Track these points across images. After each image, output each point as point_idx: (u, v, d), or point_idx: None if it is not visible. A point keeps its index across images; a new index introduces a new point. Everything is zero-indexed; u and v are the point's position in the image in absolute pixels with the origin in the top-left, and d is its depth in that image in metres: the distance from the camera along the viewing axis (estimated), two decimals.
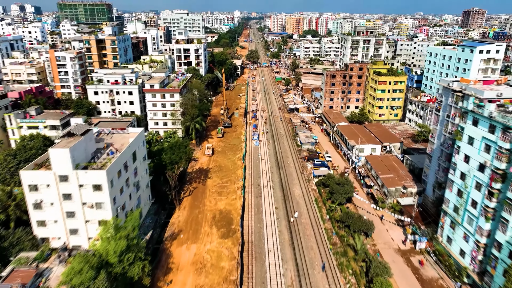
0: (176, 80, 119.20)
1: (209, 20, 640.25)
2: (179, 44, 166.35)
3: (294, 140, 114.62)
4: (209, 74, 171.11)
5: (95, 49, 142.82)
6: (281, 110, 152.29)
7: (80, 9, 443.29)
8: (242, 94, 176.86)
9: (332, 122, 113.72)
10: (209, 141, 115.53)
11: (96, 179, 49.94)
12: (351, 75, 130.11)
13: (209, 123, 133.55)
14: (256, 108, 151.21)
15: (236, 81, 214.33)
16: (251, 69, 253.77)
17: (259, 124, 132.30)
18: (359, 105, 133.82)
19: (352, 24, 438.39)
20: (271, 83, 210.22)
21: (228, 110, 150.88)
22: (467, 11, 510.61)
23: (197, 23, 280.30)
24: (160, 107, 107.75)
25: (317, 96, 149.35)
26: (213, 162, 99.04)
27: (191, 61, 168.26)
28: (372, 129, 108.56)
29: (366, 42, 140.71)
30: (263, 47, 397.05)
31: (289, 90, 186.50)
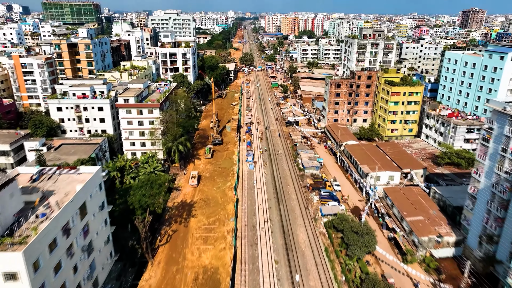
0: (157, 92, 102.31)
1: (202, 20, 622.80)
2: (165, 48, 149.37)
3: (295, 162, 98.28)
4: (198, 81, 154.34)
5: (66, 55, 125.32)
6: (279, 122, 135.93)
7: (66, 9, 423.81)
8: (235, 103, 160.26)
9: (340, 141, 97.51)
10: (196, 163, 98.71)
11: (7, 265, 33.17)
12: (359, 84, 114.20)
13: (197, 139, 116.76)
14: (250, 120, 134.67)
15: (229, 87, 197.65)
16: (245, 73, 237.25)
17: (254, 140, 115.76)
18: (368, 118, 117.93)
19: (349, 25, 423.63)
20: (267, 89, 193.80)
21: (219, 122, 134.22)
22: (467, 11, 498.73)
23: (188, 24, 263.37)
24: (136, 125, 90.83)
25: (319, 107, 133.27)
26: (199, 193, 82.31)
27: (178, 66, 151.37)
28: (386, 150, 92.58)
29: (374, 46, 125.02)
30: (258, 49, 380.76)
31: (287, 98, 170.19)
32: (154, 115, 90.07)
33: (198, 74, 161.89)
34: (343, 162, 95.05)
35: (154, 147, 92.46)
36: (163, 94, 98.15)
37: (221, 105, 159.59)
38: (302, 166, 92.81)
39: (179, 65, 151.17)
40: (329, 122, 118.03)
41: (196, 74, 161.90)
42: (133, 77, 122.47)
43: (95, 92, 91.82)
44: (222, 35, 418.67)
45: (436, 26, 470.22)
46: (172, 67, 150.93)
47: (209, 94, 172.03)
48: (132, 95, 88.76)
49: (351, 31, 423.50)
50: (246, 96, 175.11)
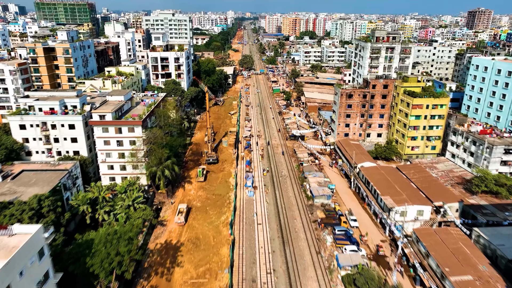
0: (142, 105, 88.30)
1: (200, 20, 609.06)
2: (155, 52, 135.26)
3: (302, 186, 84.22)
4: (193, 88, 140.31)
5: (43, 60, 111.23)
6: (281, 134, 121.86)
7: (60, 8, 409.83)
8: (234, 111, 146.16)
9: (354, 162, 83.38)
10: (186, 188, 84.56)
11: None
12: (373, 94, 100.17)
13: (189, 157, 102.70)
14: (250, 132, 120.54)
15: (227, 93, 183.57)
16: (245, 77, 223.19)
17: (254, 157, 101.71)
18: (383, 132, 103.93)
19: (353, 26, 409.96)
20: (268, 95, 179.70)
21: (215, 135, 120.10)
22: (473, 11, 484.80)
23: (184, 24, 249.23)
24: (115, 146, 76.85)
25: (327, 118, 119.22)
26: (187, 231, 68.22)
27: (171, 72, 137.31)
28: (410, 175, 78.49)
29: (389, 51, 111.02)
30: (258, 50, 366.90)
31: (290, 106, 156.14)
32: (135, 133, 76.07)
33: (192, 81, 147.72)
34: (358, 188, 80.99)
35: (136, 170, 78.53)
36: (147, 107, 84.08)
37: (217, 114, 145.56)
38: (310, 194, 78.74)
39: (172, 71, 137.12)
40: (339, 136, 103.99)
41: (191, 80, 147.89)
42: (117, 86, 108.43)
43: (66, 106, 77.75)
44: (221, 36, 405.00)
45: (441, 27, 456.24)
46: (164, 72, 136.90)
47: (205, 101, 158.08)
48: (109, 111, 74.69)
49: (355, 32, 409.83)
50: (245, 103, 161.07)
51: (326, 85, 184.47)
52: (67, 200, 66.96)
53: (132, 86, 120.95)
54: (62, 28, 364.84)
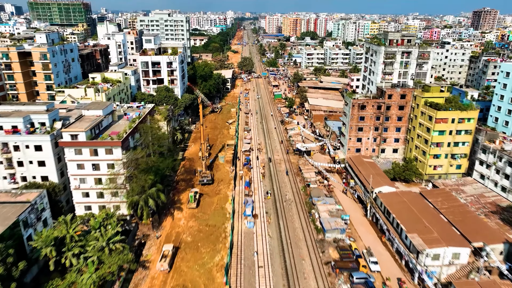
0: (125, 119, 76.58)
1: (199, 21, 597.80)
2: (146, 56, 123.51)
3: (310, 215, 72.56)
4: (187, 95, 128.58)
5: (17, 66, 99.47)
6: (284, 146, 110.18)
7: (54, 9, 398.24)
8: (232, 120, 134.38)
9: (371, 187, 71.61)
10: (175, 217, 72.80)
11: None
12: (389, 105, 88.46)
13: (180, 175, 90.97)
14: (249, 145, 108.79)
15: (225, 98, 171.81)
16: (244, 81, 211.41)
17: (254, 176, 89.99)
18: (399, 147, 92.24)
19: (355, 26, 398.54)
20: (269, 101, 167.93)
21: (211, 148, 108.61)
22: (478, 11, 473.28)
23: (181, 25, 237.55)
24: (90, 170, 65.18)
25: (334, 129, 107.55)
26: (173, 277, 56.46)
27: (163, 77, 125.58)
28: (438, 203, 66.82)
29: (405, 56, 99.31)
30: (258, 52, 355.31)
31: (293, 113, 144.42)
32: (114, 156, 64.34)
33: (187, 87, 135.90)
34: (376, 217, 69.31)
35: (116, 198, 66.84)
36: (131, 123, 72.36)
37: (214, 123, 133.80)
38: (321, 226, 67.03)
39: (164, 76, 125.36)
40: (350, 152, 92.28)
41: (185, 86, 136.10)
42: (101, 95, 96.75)
43: (32, 123, 66.06)
44: (220, 36, 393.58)
45: (446, 27, 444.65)
46: (156, 78, 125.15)
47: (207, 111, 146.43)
48: (83, 129, 62.98)
49: (357, 33, 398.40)
50: (244, 110, 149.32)
51: (331, 89, 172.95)
52: (29, 239, 55.45)
53: (119, 94, 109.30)
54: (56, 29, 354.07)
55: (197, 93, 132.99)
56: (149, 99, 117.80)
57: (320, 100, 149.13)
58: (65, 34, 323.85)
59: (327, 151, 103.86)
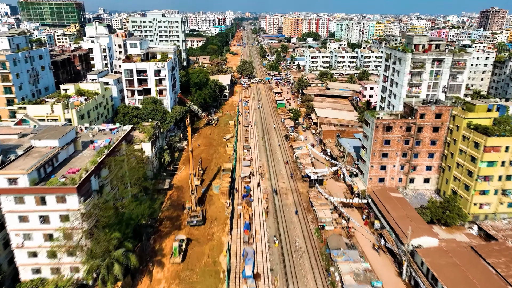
0: (91, 149, 60.10)
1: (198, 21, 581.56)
2: (130, 63, 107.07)
3: (328, 274, 56.15)
4: (178, 107, 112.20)
5: None
6: (290, 168, 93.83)
7: (45, 8, 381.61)
8: (229, 135, 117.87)
9: (408, 242, 55.07)
10: (154, 277, 56.28)
11: None
12: (421, 126, 72.05)
13: (165, 211, 74.51)
14: (249, 168, 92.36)
15: (223, 107, 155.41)
16: (244, 87, 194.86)
17: (256, 214, 73.56)
18: (432, 176, 75.82)
19: (360, 27, 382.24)
20: (271, 111, 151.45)
21: (205, 172, 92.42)
22: (486, 11, 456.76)
23: (175, 26, 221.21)
24: (37, 223, 48.84)
25: (349, 148, 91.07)
26: None
27: (150, 88, 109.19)
28: (503, 269, 50.25)
29: (436, 64, 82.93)
30: (258, 54, 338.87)
31: (299, 126, 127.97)
32: (68, 205, 47.95)
33: (178, 99, 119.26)
34: (415, 281, 52.85)
35: (73, 258, 50.42)
36: (95, 157, 55.85)
37: (209, 139, 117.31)
38: None
39: (151, 86, 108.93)
40: (372, 182, 75.88)
41: (176, 96, 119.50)
42: (71, 112, 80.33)
43: None
44: (219, 37, 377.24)
45: (454, 28, 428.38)
46: (141, 88, 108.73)
47: (196, 119, 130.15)
48: (24, 171, 46.57)
49: (362, 34, 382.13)
50: (244, 123, 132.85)
51: (340, 98, 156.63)
52: None
53: (96, 109, 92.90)
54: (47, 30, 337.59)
55: (189, 105, 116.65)
56: (133, 113, 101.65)
57: (329, 111, 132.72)
58: (56, 35, 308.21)
59: (341, 176, 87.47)
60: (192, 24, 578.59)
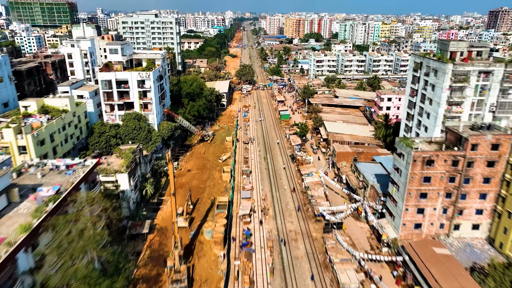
0: (31, 200, 43.59)
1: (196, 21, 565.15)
2: (108, 72, 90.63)
3: None
4: (167, 124, 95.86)
5: None
6: (297, 198, 77.50)
7: (36, 8, 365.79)
8: (226, 156, 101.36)
9: None
10: None
11: None
12: (471, 160, 55.69)
13: (142, 268, 58.01)
14: (250, 203, 75.96)
15: (220, 118, 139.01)
16: (244, 94, 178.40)
17: (259, 273, 57.03)
18: (482, 222, 59.45)
19: (365, 27, 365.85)
20: (274, 123, 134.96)
21: (194, 208, 76.11)
22: (495, 11, 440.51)
23: (170, 27, 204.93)
24: None
25: (369, 178, 74.63)
26: None
27: (132, 101, 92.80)
28: None
29: (483, 77, 66.68)
30: (259, 56, 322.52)
31: (306, 143, 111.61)
32: None
33: (167, 115, 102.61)
34: None
35: None
36: (34, 214, 39.37)
37: (203, 160, 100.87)
38: None
39: (134, 99, 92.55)
40: (407, 229, 59.54)
41: (162, 113, 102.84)
42: (24, 138, 63.93)
43: None
44: (217, 39, 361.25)
45: (462, 28, 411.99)
46: (122, 102, 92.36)
47: (188, 136, 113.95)
48: None
49: (367, 35, 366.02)
50: (243, 139, 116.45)
51: (351, 108, 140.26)
52: None
53: (63, 130, 76.54)
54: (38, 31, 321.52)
55: (179, 121, 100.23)
56: (111, 132, 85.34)
57: (340, 125, 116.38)
58: (46, 37, 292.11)
59: (363, 214, 71.10)
60: (190, 24, 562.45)
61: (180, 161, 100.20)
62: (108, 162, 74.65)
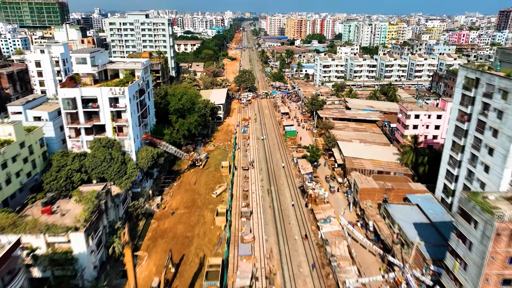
0: None
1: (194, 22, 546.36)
2: (72, 88, 71.92)
3: None
4: (147, 151, 77.08)
5: None
6: (310, 249, 58.99)
7: (25, 8, 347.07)
8: (221, 189, 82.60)
9: None
10: None
11: None
12: None
13: None
14: (251, 265, 57.35)
15: (215, 135, 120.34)
16: (243, 104, 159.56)
17: None
18: None
19: (371, 28, 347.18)
20: (279, 142, 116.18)
21: (177, 271, 57.52)
22: (505, 11, 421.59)
23: (162, 29, 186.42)
24: None
25: (410, 232, 55.99)
26: None
27: (104, 123, 74.08)
28: None
29: None
30: (259, 58, 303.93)
31: (317, 168, 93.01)
32: None
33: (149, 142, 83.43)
34: None
35: None
36: None
37: (193, 194, 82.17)
38: None
39: (105, 122, 73.88)
40: None
41: (140, 138, 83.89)
42: None
43: None
44: (216, 40, 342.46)
45: (473, 29, 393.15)
46: (91, 125, 73.62)
47: (176, 161, 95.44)
48: None
49: (373, 36, 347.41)
50: (242, 164, 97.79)
51: (367, 123, 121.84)
52: None
53: (6, 168, 57.93)
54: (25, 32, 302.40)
55: (164, 147, 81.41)
56: (74, 165, 66.74)
57: (357, 146, 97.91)
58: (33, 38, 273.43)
59: (403, 286, 52.43)
60: (188, 25, 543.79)
61: (164, 194, 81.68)
62: (63, 210, 56.29)
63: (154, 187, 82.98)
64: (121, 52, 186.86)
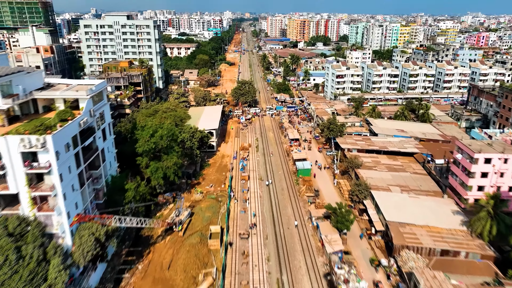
0: None
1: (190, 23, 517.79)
2: None
3: None
4: (88, 232, 48.67)
5: None
6: None
7: (5, 8, 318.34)
8: (206, 283, 54.25)
9: None
10: None
11: None
12: None
13: None
14: None
15: (205, 175, 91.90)
16: (242, 125, 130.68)
17: None
18: None
19: (382, 30, 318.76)
20: (289, 186, 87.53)
21: None
22: None
23: (146, 32, 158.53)
24: None
25: None
26: None
27: (16, 192, 45.92)
28: None
29: None
30: (260, 63, 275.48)
31: (346, 237, 64.63)
32: None
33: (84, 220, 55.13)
34: None
35: None
36: None
37: (163, 285, 53.86)
38: None
39: (17, 189, 45.72)
40: None
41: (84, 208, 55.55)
42: None
43: None
44: (212, 43, 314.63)
45: (491, 31, 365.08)
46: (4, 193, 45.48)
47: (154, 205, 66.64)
48: None
49: (384, 38, 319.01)
50: (240, 227, 69.42)
51: (399, 155, 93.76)
52: None
53: None
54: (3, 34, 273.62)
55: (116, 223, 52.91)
56: None
57: (400, 200, 69.85)
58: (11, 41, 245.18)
59: None
60: (185, 26, 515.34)
61: (133, 274, 53.59)
62: None
63: (108, 275, 54.91)
64: (98, 59, 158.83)
